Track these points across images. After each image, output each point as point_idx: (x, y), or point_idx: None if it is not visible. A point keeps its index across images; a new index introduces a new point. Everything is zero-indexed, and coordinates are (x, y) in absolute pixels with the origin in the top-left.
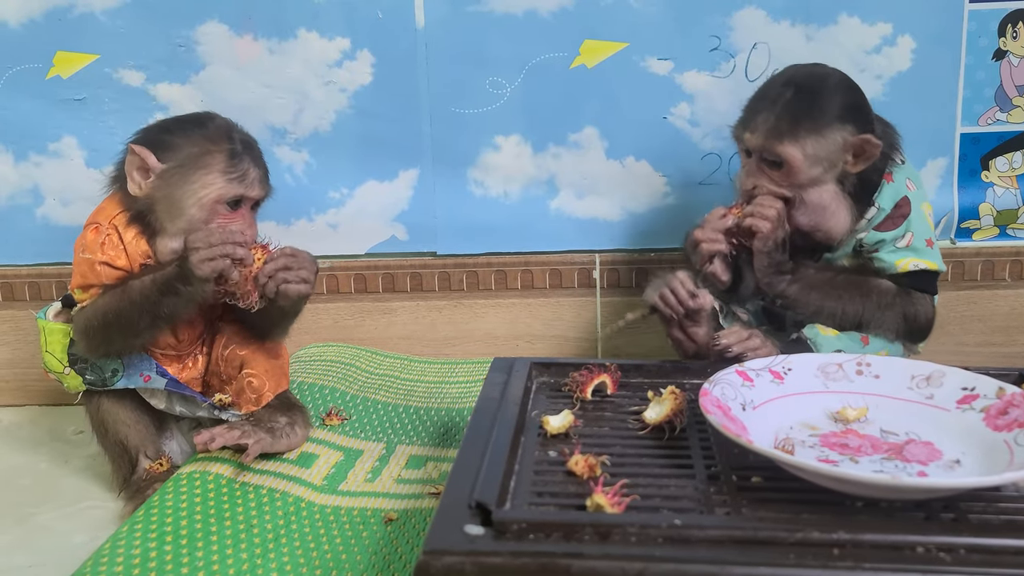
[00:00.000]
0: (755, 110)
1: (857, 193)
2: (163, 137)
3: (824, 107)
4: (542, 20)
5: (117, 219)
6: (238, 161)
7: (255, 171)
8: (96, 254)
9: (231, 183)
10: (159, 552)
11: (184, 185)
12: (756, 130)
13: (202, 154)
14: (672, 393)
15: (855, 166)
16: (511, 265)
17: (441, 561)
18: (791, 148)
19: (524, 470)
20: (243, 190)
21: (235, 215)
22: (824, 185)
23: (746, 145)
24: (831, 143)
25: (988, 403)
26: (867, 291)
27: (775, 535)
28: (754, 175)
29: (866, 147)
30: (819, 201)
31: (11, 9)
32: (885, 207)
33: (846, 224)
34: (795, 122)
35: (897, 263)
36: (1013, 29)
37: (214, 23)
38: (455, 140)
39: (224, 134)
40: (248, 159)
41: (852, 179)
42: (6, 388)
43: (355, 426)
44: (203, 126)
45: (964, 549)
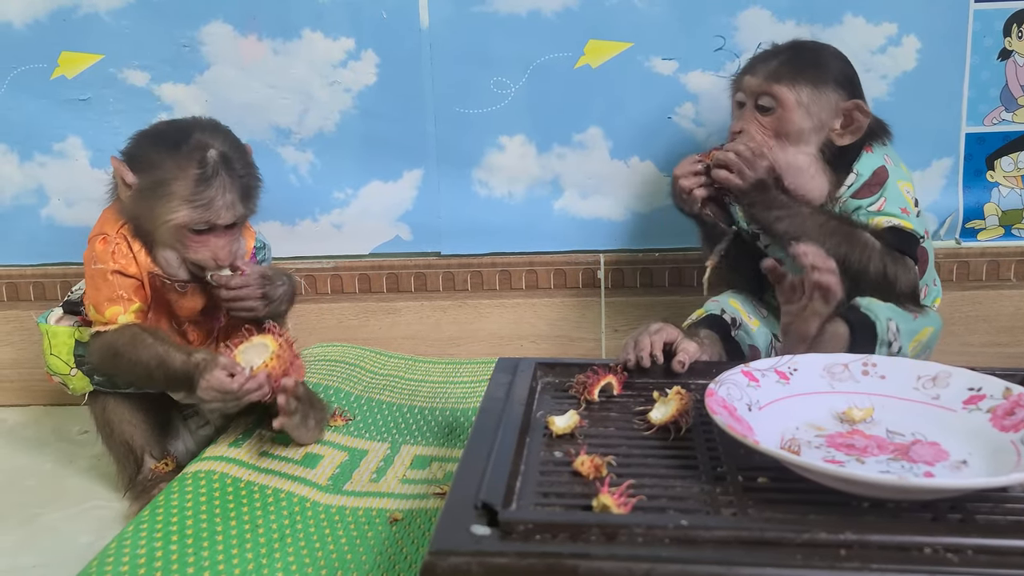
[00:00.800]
0: (756, 60)
1: (835, 161)
2: (141, 152)
3: (823, 67)
4: (546, 20)
5: (124, 229)
6: (204, 188)
7: (225, 196)
8: (108, 263)
9: (195, 211)
10: (164, 552)
11: (153, 208)
12: (756, 73)
13: (168, 180)
14: (678, 393)
15: (842, 137)
16: (515, 265)
17: (447, 561)
18: (788, 91)
19: (530, 470)
20: (208, 217)
21: (205, 238)
22: (805, 147)
23: (743, 89)
24: (824, 101)
25: (994, 403)
26: (854, 240)
27: (782, 536)
28: (745, 120)
29: (855, 115)
30: (796, 162)
31: (16, 9)
32: (863, 173)
33: (823, 189)
34: (796, 70)
35: (870, 221)
36: (1018, 29)
37: (218, 23)
38: (459, 140)
39: (195, 157)
40: (218, 184)
41: (833, 150)
42: (11, 388)
43: (360, 426)
44: (177, 146)
45: (971, 550)
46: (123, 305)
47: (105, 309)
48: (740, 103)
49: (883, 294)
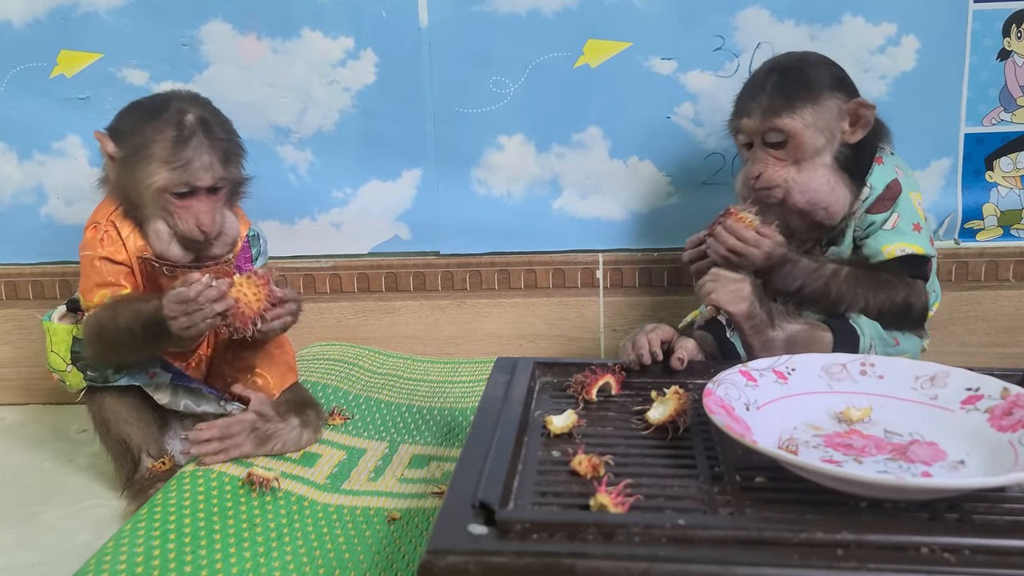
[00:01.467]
0: (745, 100)
1: (851, 168)
2: (122, 124)
3: (812, 79)
4: (546, 20)
5: (114, 215)
6: (182, 148)
7: (203, 157)
8: (96, 250)
9: (173, 172)
10: (162, 550)
11: (134, 176)
12: (752, 114)
13: (147, 144)
14: (676, 393)
15: (853, 135)
16: (514, 265)
17: (444, 560)
18: (790, 120)
19: (527, 470)
20: (185, 178)
21: (187, 203)
22: (822, 160)
23: (744, 132)
24: (827, 110)
25: (992, 404)
26: (878, 283)
27: (779, 535)
28: (759, 161)
29: (860, 111)
30: (817, 179)
31: (15, 8)
32: (876, 187)
33: (846, 200)
34: (788, 96)
35: (883, 248)
36: (1018, 29)
37: (218, 22)
38: (458, 140)
39: (176, 119)
40: (195, 144)
41: (847, 154)
42: (10, 387)
43: (358, 425)
44: (156, 113)
45: (968, 550)
46: (111, 291)
47: (94, 295)
48: (746, 144)
49: (899, 320)
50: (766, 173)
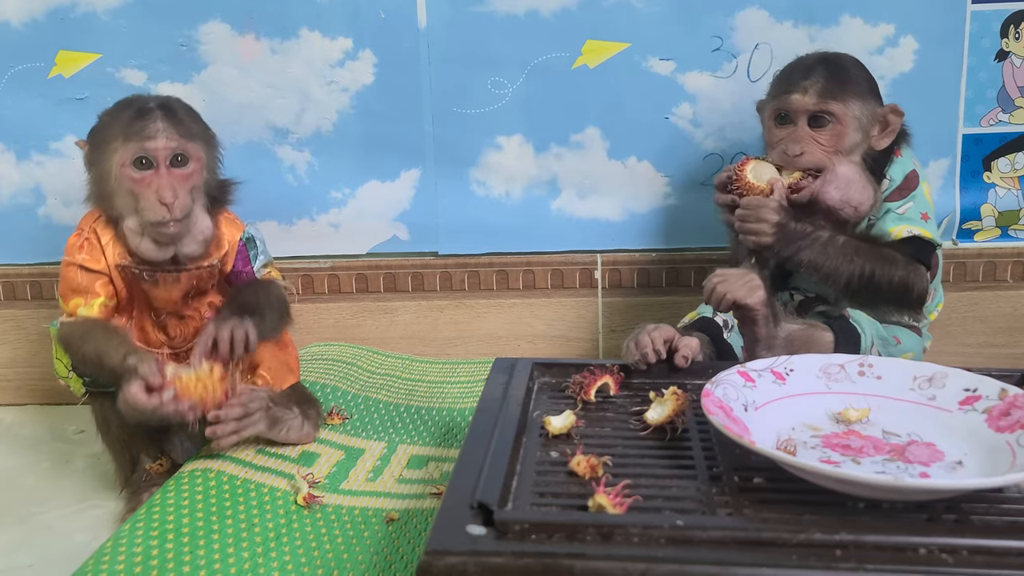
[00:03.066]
0: (795, 78)
1: (873, 168)
2: (95, 125)
3: (859, 79)
4: (544, 20)
5: (96, 222)
6: (140, 120)
7: (157, 124)
8: (73, 256)
9: (128, 142)
10: (160, 551)
11: (100, 166)
12: (807, 91)
13: (107, 127)
14: (674, 394)
15: (880, 140)
16: (513, 265)
17: (443, 561)
18: (843, 106)
19: (526, 470)
20: (142, 143)
21: (147, 176)
22: (853, 158)
23: (794, 107)
24: (869, 111)
25: (990, 404)
26: (878, 257)
27: (777, 536)
28: (801, 140)
29: (890, 118)
30: (848, 174)
31: (13, 8)
32: (896, 178)
33: (871, 198)
34: (844, 84)
35: (891, 230)
36: (1015, 30)
37: (216, 23)
38: (457, 140)
39: (140, 101)
40: (156, 116)
41: (874, 156)
42: (8, 387)
43: (356, 425)
44: (127, 103)
45: (966, 550)
46: (85, 298)
47: (68, 300)
48: (781, 116)
49: (899, 302)
50: (809, 151)
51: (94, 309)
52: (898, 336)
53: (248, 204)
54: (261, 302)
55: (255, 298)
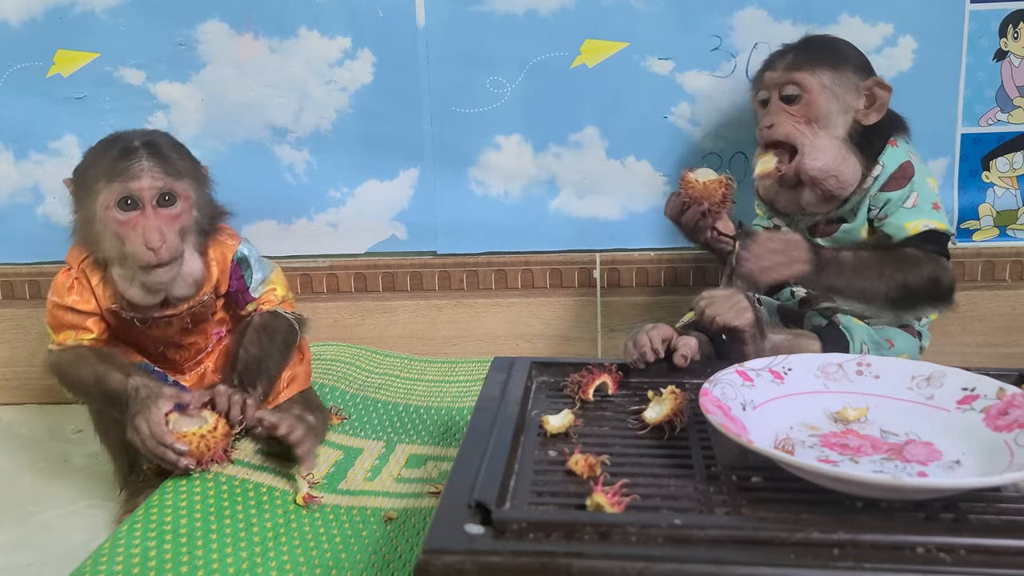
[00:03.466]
0: (772, 57)
1: (863, 147)
2: (79, 165)
3: (838, 51)
4: (543, 19)
5: (86, 263)
6: (123, 161)
7: (142, 163)
8: (63, 297)
9: (112, 183)
10: (159, 551)
11: (85, 207)
12: (775, 67)
13: (92, 167)
14: (672, 393)
15: (867, 116)
16: (511, 265)
17: (441, 560)
18: (809, 77)
19: (524, 470)
20: (127, 183)
21: (132, 218)
22: (834, 131)
23: (765, 84)
24: (844, 80)
25: (988, 403)
26: (905, 262)
27: (775, 535)
28: (773, 114)
29: (876, 92)
30: (829, 145)
31: (11, 7)
32: (889, 165)
33: (856, 173)
34: (813, 56)
35: (906, 225)
36: (1014, 30)
37: (215, 22)
38: (456, 139)
39: (124, 141)
40: (141, 156)
41: (860, 133)
42: (6, 386)
43: (355, 425)
44: (112, 143)
45: (964, 549)
46: (76, 332)
47: (58, 333)
48: (763, 101)
49: (932, 299)
50: (779, 123)
51: (84, 340)
52: (891, 339)
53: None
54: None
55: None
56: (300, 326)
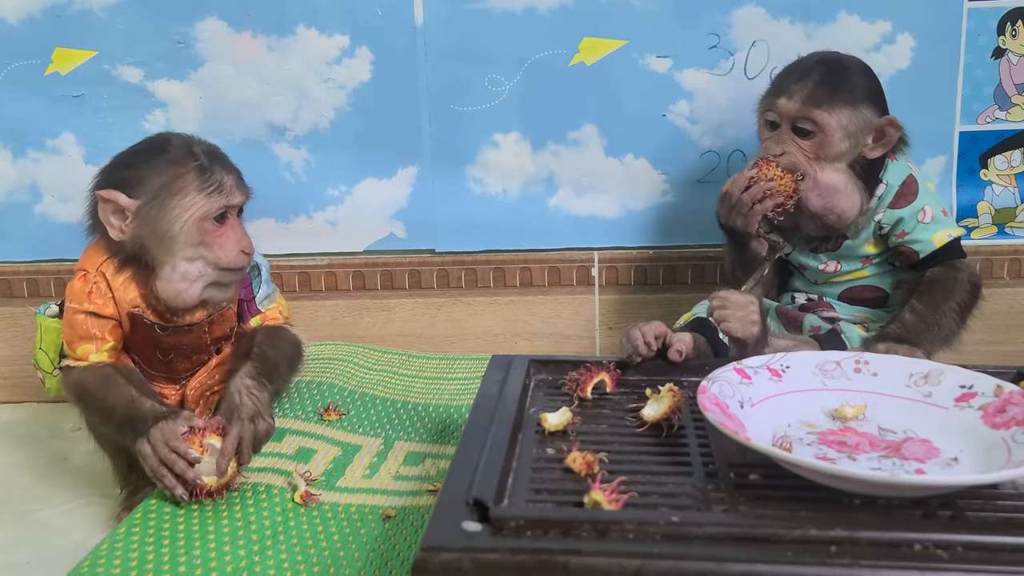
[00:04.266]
0: (788, 80)
1: (865, 176)
2: (128, 174)
3: (855, 85)
4: (541, 17)
5: (104, 265)
6: (209, 174)
7: (229, 178)
8: (82, 303)
9: (211, 197)
10: (156, 549)
11: (166, 215)
12: (792, 96)
13: (172, 179)
14: (670, 391)
15: (873, 150)
16: (510, 263)
17: (439, 557)
18: (828, 115)
19: (522, 467)
20: (224, 200)
21: (224, 228)
22: (839, 165)
23: (778, 112)
24: (861, 120)
25: (986, 401)
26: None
27: (773, 532)
28: (784, 142)
29: (887, 130)
30: (832, 182)
31: (9, 5)
32: (893, 183)
33: (857, 206)
34: (832, 91)
35: (932, 238)
36: (1012, 27)
37: (213, 20)
38: (454, 137)
39: (186, 152)
40: (218, 168)
41: (863, 164)
42: (4, 385)
43: (353, 421)
44: (163, 151)
45: (962, 546)
46: (95, 344)
47: (77, 347)
48: (771, 123)
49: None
50: (791, 152)
51: (104, 355)
52: None
53: None
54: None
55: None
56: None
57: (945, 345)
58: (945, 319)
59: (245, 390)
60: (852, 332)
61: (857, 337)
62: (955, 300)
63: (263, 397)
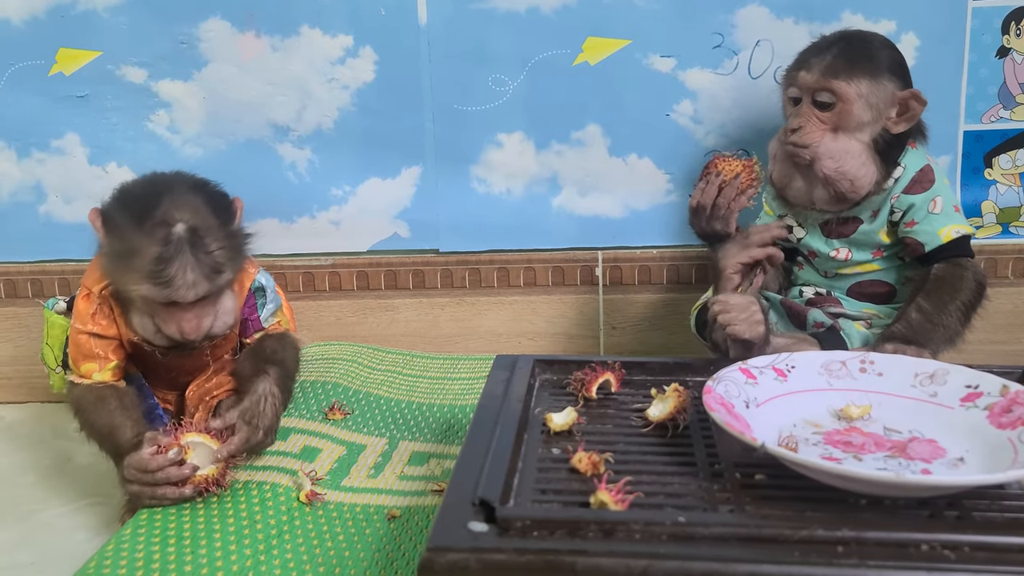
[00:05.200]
0: (808, 54)
1: (884, 152)
2: (113, 213)
3: (876, 56)
4: (545, 17)
5: (107, 291)
6: (164, 266)
7: (186, 276)
8: (86, 324)
9: (155, 288)
10: (162, 549)
11: (120, 277)
12: (812, 68)
13: (130, 251)
14: (675, 390)
15: (897, 124)
16: (514, 262)
17: (445, 558)
18: (846, 86)
19: (527, 467)
20: (168, 295)
21: (172, 311)
22: (860, 136)
23: (798, 85)
24: (882, 91)
25: (992, 401)
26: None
27: (779, 532)
28: (802, 116)
29: (911, 103)
30: (850, 149)
31: (14, 6)
32: (910, 168)
33: (871, 176)
34: (852, 63)
35: (940, 232)
36: (1016, 27)
37: (217, 20)
38: (458, 137)
39: (158, 233)
40: (180, 262)
41: (887, 139)
42: (9, 385)
43: (358, 421)
44: (143, 218)
45: (968, 547)
46: (99, 363)
47: (81, 365)
48: (794, 98)
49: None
50: (806, 129)
51: (107, 374)
52: None
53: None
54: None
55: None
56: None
57: (949, 345)
58: (951, 319)
59: (272, 398)
60: (852, 329)
61: (857, 334)
62: (960, 299)
63: (280, 412)
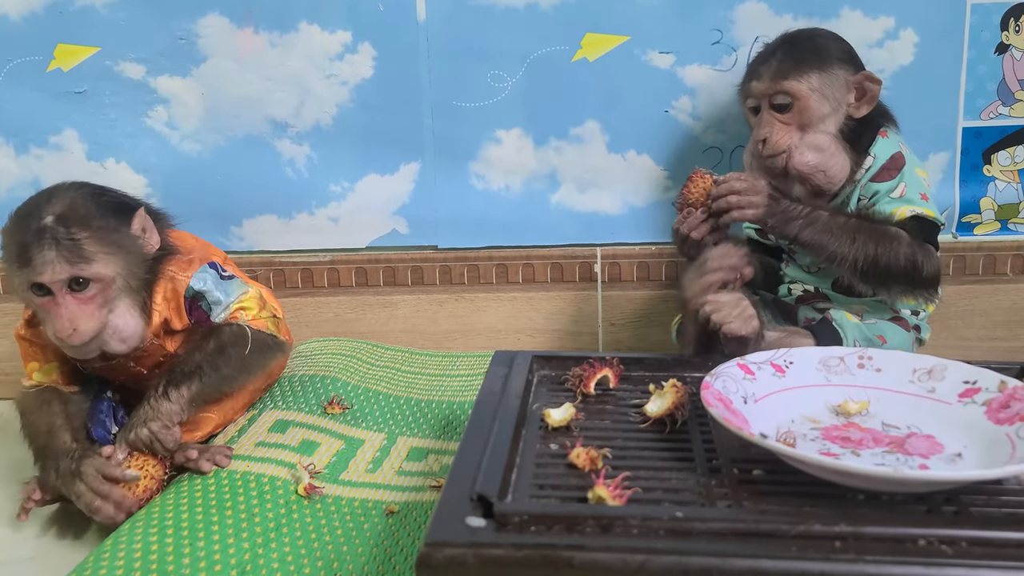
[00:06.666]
0: (756, 64)
1: (854, 141)
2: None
3: (821, 48)
4: (543, 13)
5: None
6: (24, 250)
7: (44, 254)
8: (20, 329)
9: (21, 273)
10: (160, 545)
11: (8, 276)
12: (762, 76)
13: (7, 247)
14: (673, 386)
15: (858, 109)
16: (512, 259)
17: (443, 553)
18: (797, 83)
19: (525, 463)
20: (29, 277)
21: (49, 304)
22: (824, 127)
23: (753, 95)
24: (834, 80)
25: (990, 397)
26: (881, 235)
27: (777, 528)
28: (765, 125)
29: (867, 85)
30: (818, 143)
31: (12, 1)
32: (880, 156)
33: (845, 168)
34: (798, 60)
35: (893, 212)
36: (1015, 23)
37: (215, 16)
38: (456, 133)
39: (30, 217)
40: (40, 244)
41: (852, 127)
42: (6, 381)
43: (356, 416)
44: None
45: (966, 542)
46: (40, 363)
47: (26, 366)
48: (753, 108)
49: (909, 282)
50: (772, 137)
51: (52, 374)
52: (883, 335)
53: (247, 198)
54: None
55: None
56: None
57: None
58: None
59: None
60: (844, 320)
61: (848, 324)
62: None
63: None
